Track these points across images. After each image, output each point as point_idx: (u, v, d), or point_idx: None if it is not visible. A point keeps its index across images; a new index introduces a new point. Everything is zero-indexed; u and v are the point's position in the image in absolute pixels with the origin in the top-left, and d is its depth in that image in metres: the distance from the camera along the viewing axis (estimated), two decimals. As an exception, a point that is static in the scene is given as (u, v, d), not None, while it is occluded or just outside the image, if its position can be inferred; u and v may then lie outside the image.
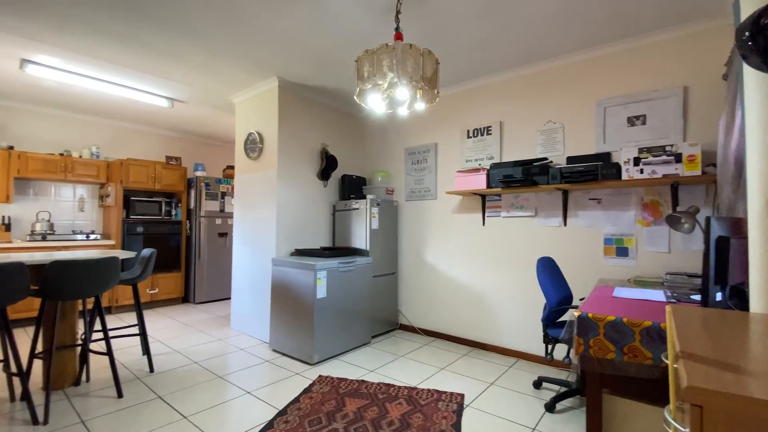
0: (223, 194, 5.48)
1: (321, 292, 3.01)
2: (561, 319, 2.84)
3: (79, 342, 2.62)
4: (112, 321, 4.28)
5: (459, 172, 3.32)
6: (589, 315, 1.70)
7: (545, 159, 2.97)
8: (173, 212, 5.26)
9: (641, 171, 2.54)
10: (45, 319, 2.38)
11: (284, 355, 3.20)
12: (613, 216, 2.82)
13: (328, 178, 4.00)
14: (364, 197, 3.83)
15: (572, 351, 1.83)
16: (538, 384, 2.66)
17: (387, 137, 4.25)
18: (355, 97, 2.18)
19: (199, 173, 5.38)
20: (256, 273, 3.73)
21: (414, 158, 3.93)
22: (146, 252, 3.06)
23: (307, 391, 2.47)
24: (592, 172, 2.64)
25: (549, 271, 2.53)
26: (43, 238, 4.29)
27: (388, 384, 2.59)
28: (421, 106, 2.16)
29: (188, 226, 5.35)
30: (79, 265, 2.22)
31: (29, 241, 4.19)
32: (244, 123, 3.99)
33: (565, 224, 3.01)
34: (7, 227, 4.26)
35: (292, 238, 3.67)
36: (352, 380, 2.64)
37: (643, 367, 1.71)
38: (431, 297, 3.76)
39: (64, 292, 2.19)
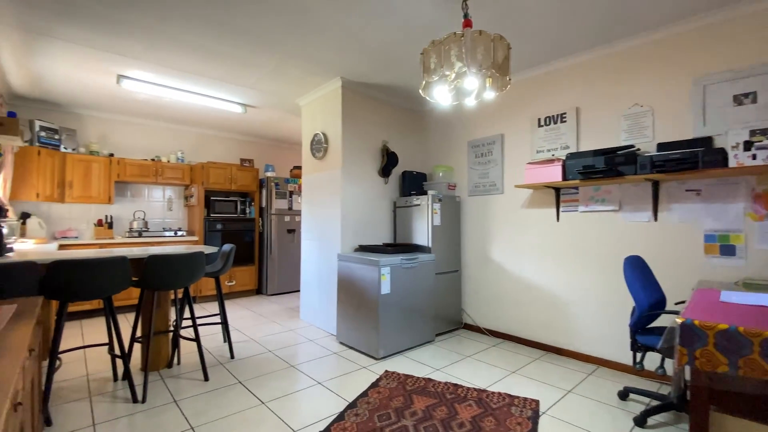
0: (291, 193, 5.76)
1: (385, 288, 3.02)
2: (652, 324, 2.55)
3: (171, 328, 2.91)
4: (196, 310, 4.72)
5: (530, 163, 3.12)
6: (696, 322, 1.49)
7: (632, 146, 2.67)
8: (247, 210, 5.64)
9: (753, 157, 2.18)
10: (144, 307, 2.68)
11: (351, 348, 3.27)
12: (715, 209, 2.46)
13: (389, 174, 4.00)
14: (425, 193, 3.78)
15: (672, 362, 1.62)
16: (624, 395, 2.42)
17: (449, 131, 4.14)
18: (420, 91, 2.14)
19: (269, 174, 5.71)
20: (322, 267, 3.87)
21: (478, 151, 3.78)
22: (226, 247, 3.31)
23: (374, 385, 2.50)
24: (691, 160, 2.32)
25: (638, 272, 2.27)
26: (139, 235, 4.84)
27: (456, 384, 2.52)
28: (490, 94, 2.05)
29: (260, 223, 5.71)
30: (172, 259, 2.46)
31: (128, 237, 4.76)
32: (309, 124, 4.14)
33: (655, 219, 2.69)
34: (110, 225, 4.87)
35: (355, 234, 3.74)
36: (418, 377, 2.62)
37: (764, 383, 1.46)
38: (498, 296, 3.60)
39: (159, 283, 2.44)
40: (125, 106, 4.61)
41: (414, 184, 4.03)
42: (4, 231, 2.51)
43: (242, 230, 5.53)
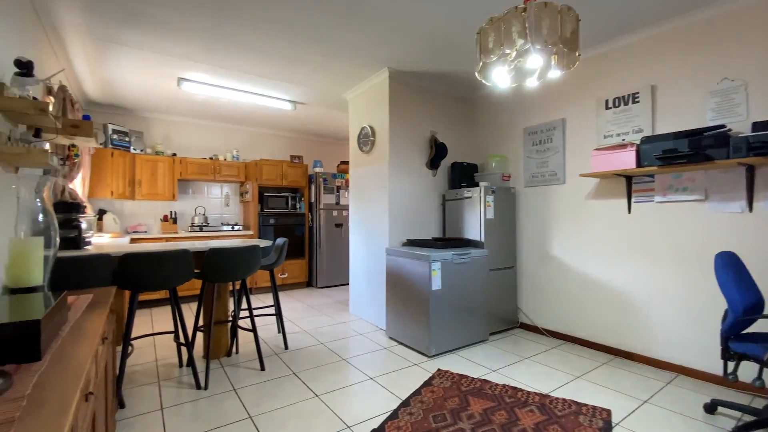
0: (338, 188, 5.81)
1: (436, 283, 2.92)
2: (747, 330, 2.23)
3: (230, 319, 3.03)
4: (253, 301, 4.91)
5: (597, 150, 2.84)
6: (823, 332, 1.24)
7: (722, 126, 2.33)
8: (297, 205, 5.78)
9: None
10: (205, 298, 2.80)
11: (401, 343, 3.22)
12: (834, 197, 2.07)
13: (438, 166, 3.87)
14: (476, 185, 3.60)
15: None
16: (711, 408, 2.13)
17: (502, 118, 3.91)
18: (476, 74, 2.00)
19: (317, 169, 5.80)
20: (370, 261, 3.84)
21: (535, 138, 3.53)
22: (279, 241, 3.39)
23: (427, 384, 2.42)
24: (803, 139, 1.97)
25: (732, 270, 1.97)
26: (200, 229, 5.13)
27: (515, 387, 2.37)
28: (555, 73, 1.87)
29: (310, 217, 5.82)
30: (230, 253, 2.54)
31: (190, 231, 5.06)
32: (356, 118, 4.12)
33: (750, 209, 2.33)
34: (174, 221, 5.21)
35: (403, 228, 3.66)
36: (473, 378, 2.50)
37: None
38: (558, 295, 3.36)
39: (218, 275, 2.53)
40: (185, 108, 4.87)
41: (464, 175, 3.87)
42: (83, 226, 2.74)
43: (293, 225, 5.67)
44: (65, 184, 2.86)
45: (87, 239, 2.73)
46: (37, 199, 1.40)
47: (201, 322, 3.66)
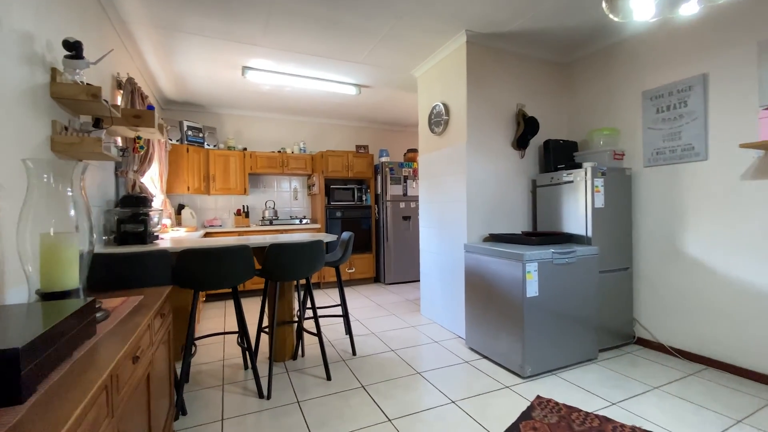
0: (406, 178, 5.41)
1: (532, 289, 2.38)
2: None
3: (296, 319, 2.81)
4: (319, 297, 4.75)
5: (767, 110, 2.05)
6: None
7: None
8: (363, 198, 5.51)
9: None
10: (268, 297, 2.60)
11: (485, 357, 2.73)
12: None
13: (526, 146, 3.25)
14: (578, 166, 2.92)
15: None
16: None
17: (610, 82, 3.16)
18: (603, 7, 1.43)
19: (383, 159, 5.46)
20: (445, 259, 3.38)
21: (660, 104, 2.76)
22: (345, 235, 3.09)
23: (526, 416, 1.92)
24: None
25: None
26: (270, 223, 5.10)
27: (651, 432, 1.77)
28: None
29: (376, 210, 5.52)
30: (291, 249, 2.27)
31: (260, 225, 5.04)
32: (426, 96, 3.66)
33: None
34: (246, 214, 5.25)
35: (484, 220, 3.13)
36: (587, 413, 1.94)
37: None
38: (695, 305, 2.59)
39: (280, 274, 2.28)
40: (253, 101, 4.83)
41: (561, 155, 3.21)
42: (154, 220, 2.68)
43: (360, 218, 5.41)
44: (136, 178, 2.84)
45: (156, 234, 2.68)
46: (68, 189, 1.20)
47: (265, 323, 3.53)
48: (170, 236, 3.38)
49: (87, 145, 1.75)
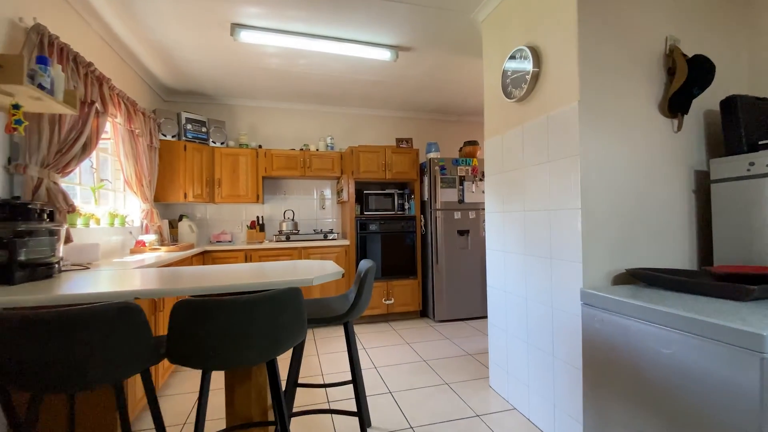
0: (462, 179, 4.07)
1: (790, 419, 0.95)
2: None
3: (270, 418, 1.60)
4: (330, 342, 3.53)
5: None
6: None
7: None
8: (406, 206, 4.26)
9: None
10: (202, 388, 1.42)
11: None
12: None
13: (687, 108, 1.81)
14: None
15: None
16: None
17: None
18: None
19: (432, 155, 4.18)
20: (535, 308, 2.01)
21: None
22: (363, 266, 1.85)
23: None
24: None
25: None
26: (287, 239, 4.03)
27: None
28: None
29: (422, 222, 4.24)
30: (223, 310, 1.08)
31: (276, 241, 3.99)
32: (497, 44, 2.34)
33: None
34: (261, 227, 4.23)
35: (614, 243, 1.73)
36: None
37: None
38: None
39: (203, 359, 1.10)
40: (267, 87, 3.83)
41: (760, 124, 1.72)
42: (42, 242, 1.65)
43: (401, 232, 4.16)
44: (44, 177, 1.85)
45: (50, 262, 1.64)
46: None
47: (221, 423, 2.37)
48: (123, 261, 2.38)
49: None
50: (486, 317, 4.11)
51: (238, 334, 1.10)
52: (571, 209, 1.74)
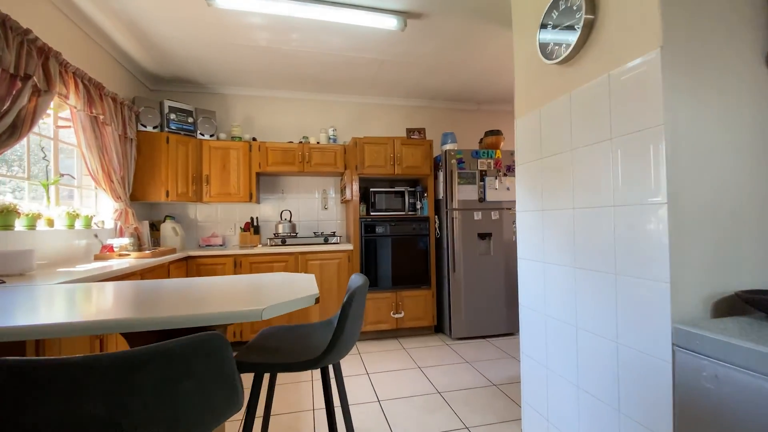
0: (483, 174, 3.52)
1: None
2: None
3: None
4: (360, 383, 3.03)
5: None
6: None
7: None
8: (418, 205, 3.74)
9: None
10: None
11: None
12: None
13: (819, 62, 1.23)
14: None
15: None
16: None
17: None
18: None
19: (448, 146, 3.65)
20: (589, 339, 1.46)
21: None
22: (353, 283, 1.35)
23: None
24: None
25: None
26: (283, 242, 3.57)
27: None
28: None
29: (437, 223, 3.71)
30: (63, 378, 0.59)
31: (271, 245, 3.53)
32: (533, -7, 1.81)
33: None
34: (256, 230, 3.79)
35: (713, 253, 1.17)
36: None
37: None
38: None
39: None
40: (260, 71, 3.39)
41: None
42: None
43: (412, 235, 3.64)
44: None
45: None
46: None
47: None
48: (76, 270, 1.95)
49: None
50: (512, 335, 3.54)
51: (100, 423, 0.61)
52: (650, 204, 1.19)
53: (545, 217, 1.72)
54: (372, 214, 3.64)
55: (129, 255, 2.61)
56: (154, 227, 3.48)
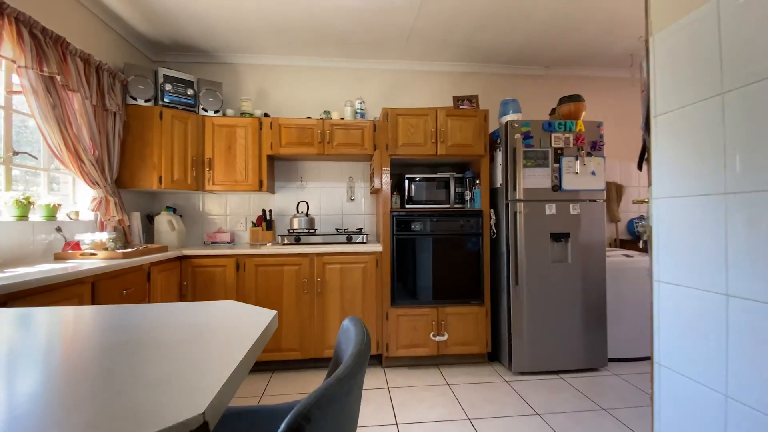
0: (558, 152, 2.61)
1: None
2: None
3: None
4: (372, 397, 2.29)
5: None
6: None
7: None
8: (468, 196, 2.91)
9: None
10: None
11: None
12: None
13: None
14: None
15: None
16: None
17: None
18: None
19: (510, 117, 2.77)
20: None
21: None
22: (346, 334, 0.59)
23: None
24: None
25: None
26: (297, 240, 2.90)
27: None
28: None
29: (493, 219, 2.84)
30: None
31: (284, 244, 2.88)
32: None
33: None
34: (269, 224, 3.15)
35: None
36: None
37: None
38: None
39: None
40: (267, 26, 2.72)
41: None
42: None
43: (459, 234, 2.80)
44: None
45: None
46: None
47: None
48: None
49: None
50: (594, 370, 2.61)
51: None
52: None
53: (732, 207, 0.85)
54: (407, 206, 2.87)
55: (96, 255, 2.05)
56: (151, 220, 2.96)
